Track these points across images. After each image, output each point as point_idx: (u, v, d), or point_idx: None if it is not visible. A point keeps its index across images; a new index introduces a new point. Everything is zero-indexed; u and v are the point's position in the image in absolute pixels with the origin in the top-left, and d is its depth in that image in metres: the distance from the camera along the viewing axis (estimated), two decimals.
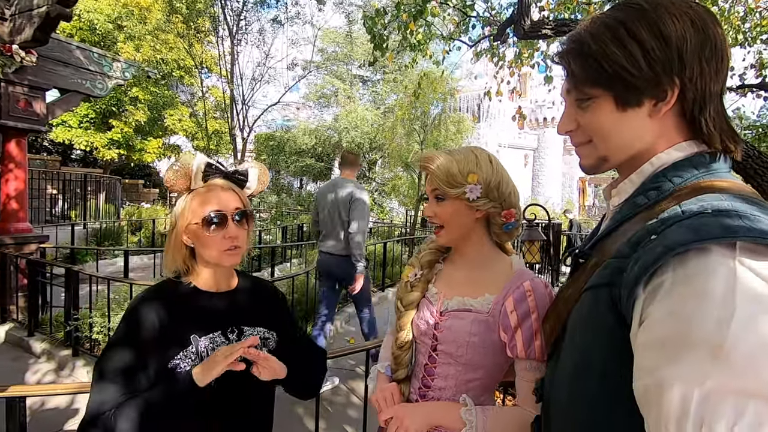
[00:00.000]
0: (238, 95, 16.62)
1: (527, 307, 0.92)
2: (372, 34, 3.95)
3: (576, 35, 0.67)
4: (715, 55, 0.60)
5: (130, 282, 3.77)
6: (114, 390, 0.89)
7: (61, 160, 13.79)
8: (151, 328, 0.94)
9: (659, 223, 0.56)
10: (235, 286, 1.09)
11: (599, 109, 0.66)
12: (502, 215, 0.99)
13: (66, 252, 7.16)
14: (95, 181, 11.60)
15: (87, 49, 5.21)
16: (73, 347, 3.78)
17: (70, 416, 2.99)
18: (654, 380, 0.48)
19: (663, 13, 0.60)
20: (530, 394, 0.89)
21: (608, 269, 0.60)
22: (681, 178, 0.62)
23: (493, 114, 33.79)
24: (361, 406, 3.33)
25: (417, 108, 11.21)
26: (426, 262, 1.10)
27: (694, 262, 0.48)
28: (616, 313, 0.57)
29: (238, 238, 0.99)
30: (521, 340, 0.91)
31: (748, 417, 0.42)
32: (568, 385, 0.65)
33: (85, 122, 12.88)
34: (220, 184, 1.00)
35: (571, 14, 4.25)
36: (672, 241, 0.50)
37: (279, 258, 8.06)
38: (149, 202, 15.11)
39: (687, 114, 0.63)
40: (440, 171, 0.97)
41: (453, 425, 0.93)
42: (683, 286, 0.48)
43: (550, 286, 0.97)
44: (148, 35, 12.89)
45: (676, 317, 0.48)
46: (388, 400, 1.03)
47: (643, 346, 0.51)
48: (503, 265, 1.02)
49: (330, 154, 20.13)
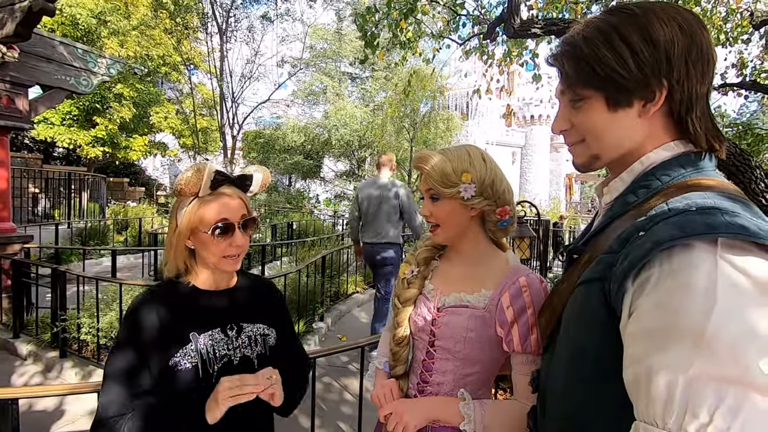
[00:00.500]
0: (227, 92, 16.42)
1: (523, 303, 0.93)
2: (363, 31, 3.95)
3: (570, 38, 0.69)
4: (701, 58, 0.63)
5: (119, 282, 3.71)
6: (118, 393, 0.90)
7: (43, 158, 13.47)
8: (152, 329, 0.94)
9: (647, 220, 0.58)
10: (234, 284, 1.09)
11: (591, 109, 0.68)
12: (496, 212, 1.01)
13: (50, 252, 7.01)
14: (79, 179, 11.32)
15: (71, 45, 5.10)
16: (61, 348, 3.72)
17: (59, 418, 2.95)
18: (642, 368, 0.51)
19: (652, 18, 0.63)
20: (527, 387, 0.91)
21: (600, 265, 0.63)
22: (669, 176, 0.65)
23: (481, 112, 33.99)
24: (354, 402, 3.35)
25: (406, 105, 11.23)
26: (422, 259, 1.11)
27: (678, 258, 0.51)
28: (608, 307, 0.60)
29: (242, 246, 1.00)
30: (518, 334, 0.92)
31: (728, 401, 0.45)
32: (564, 375, 0.68)
33: (67, 119, 12.57)
34: (228, 192, 1.00)
35: (559, 13, 4.31)
36: (659, 237, 0.53)
37: (269, 256, 8.01)
38: (135, 201, 14.85)
39: (674, 114, 0.66)
40: (434, 171, 0.98)
41: (452, 419, 0.95)
42: (669, 279, 0.51)
43: (546, 281, 0.99)
44: (133, 31, 12.63)
45: (662, 309, 0.51)
46: (388, 396, 1.04)
47: (632, 336, 0.54)
48: (499, 261, 1.04)
49: (319, 151, 20.01)
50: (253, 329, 1.06)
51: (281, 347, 1.12)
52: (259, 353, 1.05)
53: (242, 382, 0.90)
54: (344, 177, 21.47)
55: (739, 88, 4.50)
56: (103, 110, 12.74)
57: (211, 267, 1.02)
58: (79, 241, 8.50)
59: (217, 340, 1.00)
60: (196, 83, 17.29)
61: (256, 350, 1.05)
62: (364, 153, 20.00)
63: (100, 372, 3.50)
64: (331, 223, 13.71)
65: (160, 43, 13.46)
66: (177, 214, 1.00)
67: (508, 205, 1.01)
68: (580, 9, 4.20)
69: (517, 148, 39.86)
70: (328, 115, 19.21)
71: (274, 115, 25.04)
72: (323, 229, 11.69)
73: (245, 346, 1.03)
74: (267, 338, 1.08)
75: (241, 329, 1.04)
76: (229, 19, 16.00)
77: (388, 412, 0.99)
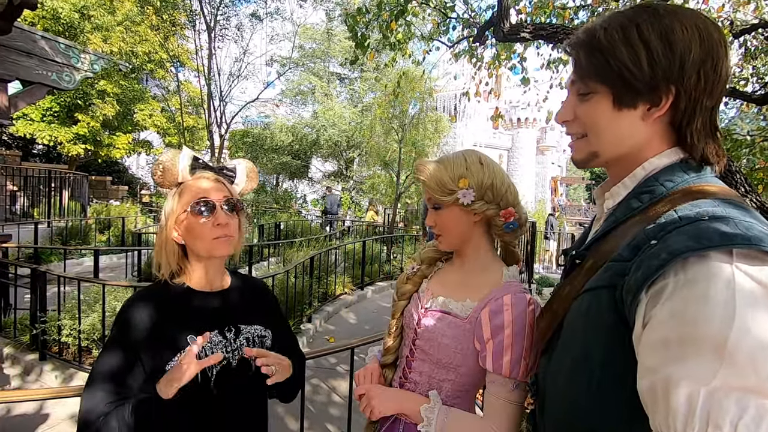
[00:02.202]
0: (215, 91, 16.20)
1: (501, 321, 0.90)
2: (353, 32, 3.94)
3: (590, 28, 0.69)
4: (714, 71, 0.62)
5: (103, 282, 3.63)
6: (102, 397, 0.87)
7: (22, 156, 13.09)
8: (145, 331, 0.92)
9: (658, 228, 0.58)
10: (228, 285, 1.07)
11: (598, 104, 0.68)
12: (500, 215, 0.98)
13: (29, 252, 6.81)
14: (60, 177, 11.04)
15: (53, 40, 4.97)
16: (40, 351, 3.62)
17: (39, 423, 2.87)
18: (659, 378, 0.50)
19: (675, 23, 0.62)
20: (495, 410, 0.90)
21: (609, 272, 0.62)
22: (672, 182, 0.65)
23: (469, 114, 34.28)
24: (343, 404, 3.33)
25: (395, 107, 11.24)
26: (426, 258, 1.12)
27: (695, 268, 0.51)
28: (617, 314, 0.59)
29: (229, 226, 0.97)
30: (490, 353, 0.89)
31: (750, 412, 0.45)
32: (568, 379, 0.68)
33: (48, 116, 12.24)
34: (206, 175, 1.00)
35: (548, 18, 4.37)
36: (674, 247, 0.53)
37: (256, 257, 7.93)
38: (118, 200, 14.53)
39: (675, 123, 0.66)
40: (431, 180, 0.96)
41: (415, 418, 0.96)
42: (685, 290, 0.51)
43: (536, 304, 0.93)
44: (118, 26, 12.35)
45: (679, 319, 0.50)
46: (367, 377, 1.08)
47: (647, 346, 0.53)
48: (493, 274, 1.00)
49: (307, 151, 19.88)
50: (250, 330, 1.04)
51: (278, 350, 1.11)
52: None
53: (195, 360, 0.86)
54: (332, 177, 21.39)
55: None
56: (85, 107, 12.44)
57: (203, 261, 1.00)
58: (60, 241, 8.28)
59: (216, 342, 0.97)
60: (183, 81, 17.02)
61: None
62: (352, 154, 19.94)
63: (82, 375, 3.42)
64: (319, 224, 13.64)
65: (146, 40, 13.21)
66: (164, 211, 0.99)
67: (512, 206, 0.98)
68: (568, 14, 4.27)
69: (504, 151, 40.26)
70: (317, 115, 19.11)
71: (262, 115, 24.82)
72: (311, 230, 11.64)
73: (243, 348, 1.01)
74: (264, 340, 1.07)
75: (239, 331, 1.02)
76: (218, 16, 15.78)
77: (362, 393, 1.02)
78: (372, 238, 8.51)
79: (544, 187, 40.54)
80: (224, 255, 1.00)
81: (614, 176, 0.74)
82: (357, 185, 20.03)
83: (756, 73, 4.45)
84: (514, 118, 39.61)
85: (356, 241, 7.83)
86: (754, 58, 4.38)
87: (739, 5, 4.14)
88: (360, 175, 20.14)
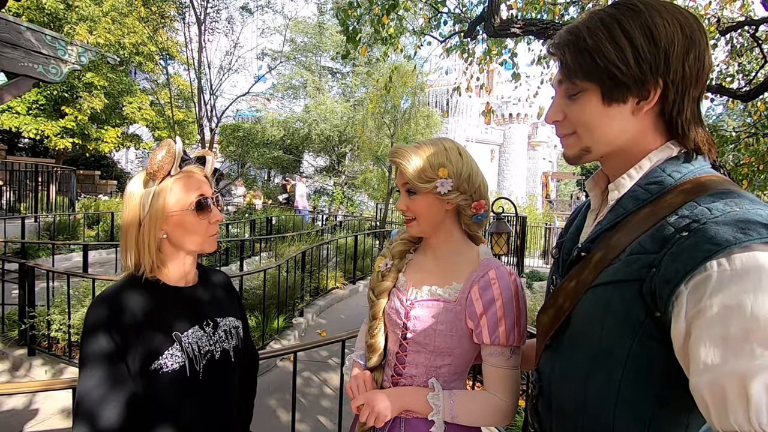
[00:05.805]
0: (205, 84, 16.01)
1: (491, 295, 0.93)
2: (345, 26, 3.93)
3: (574, 28, 0.69)
4: (698, 61, 0.64)
5: (92, 277, 3.61)
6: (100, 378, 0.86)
7: (7, 149, 12.85)
8: (129, 328, 0.89)
9: (686, 220, 0.58)
10: (197, 279, 1.06)
11: (587, 102, 0.69)
12: (472, 207, 1.01)
13: (16, 247, 6.72)
14: (47, 171, 10.85)
15: (39, 31, 4.88)
16: (29, 346, 3.59)
17: (29, 419, 2.86)
18: (725, 374, 0.49)
19: (656, 16, 0.64)
20: (497, 379, 0.94)
21: (634, 265, 0.61)
22: (679, 172, 0.66)
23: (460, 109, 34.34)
24: (334, 396, 3.37)
25: (387, 101, 11.23)
26: (397, 252, 1.12)
27: (741, 259, 0.51)
28: (645, 308, 0.59)
29: (219, 222, 0.99)
30: (486, 326, 0.93)
31: None
32: (585, 376, 0.67)
33: (34, 109, 12.01)
34: (196, 170, 0.98)
35: (538, 14, 4.40)
36: (718, 239, 0.53)
37: (248, 252, 7.90)
38: (107, 195, 14.35)
39: (666, 114, 0.67)
40: (410, 166, 0.97)
41: (422, 409, 0.97)
42: (736, 282, 0.50)
43: (516, 274, 0.99)
44: (104, 17, 12.11)
45: (738, 313, 0.49)
46: (361, 387, 1.05)
47: (702, 342, 0.51)
48: (470, 255, 1.04)
49: (299, 146, 19.78)
50: (226, 323, 1.05)
51: (246, 340, 1.13)
52: (234, 346, 1.04)
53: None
54: (324, 172, 21.32)
55: (706, 91, 4.69)
56: (72, 100, 12.23)
57: (181, 258, 0.98)
58: (48, 236, 8.16)
59: (200, 337, 0.97)
60: (173, 74, 16.78)
61: (232, 343, 1.04)
62: (344, 148, 19.89)
63: (72, 369, 3.40)
64: (311, 219, 13.62)
65: (134, 32, 12.98)
66: (143, 203, 0.93)
67: (483, 199, 1.01)
68: (558, 10, 4.30)
69: (495, 146, 40.44)
70: (308, 110, 19.00)
71: (253, 109, 24.59)
72: (302, 225, 11.61)
73: (223, 340, 1.02)
74: (238, 330, 1.08)
75: (216, 324, 1.02)
76: (208, 8, 15.57)
77: (360, 403, 1.00)
78: (363, 232, 8.52)
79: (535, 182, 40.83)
80: (213, 250, 1.01)
81: (611, 168, 0.74)
82: (349, 180, 20.00)
83: (742, 70, 4.52)
84: (506, 114, 39.77)
85: (348, 236, 7.83)
86: (740, 55, 4.46)
87: (726, 3, 4.20)
88: (352, 170, 20.11)
